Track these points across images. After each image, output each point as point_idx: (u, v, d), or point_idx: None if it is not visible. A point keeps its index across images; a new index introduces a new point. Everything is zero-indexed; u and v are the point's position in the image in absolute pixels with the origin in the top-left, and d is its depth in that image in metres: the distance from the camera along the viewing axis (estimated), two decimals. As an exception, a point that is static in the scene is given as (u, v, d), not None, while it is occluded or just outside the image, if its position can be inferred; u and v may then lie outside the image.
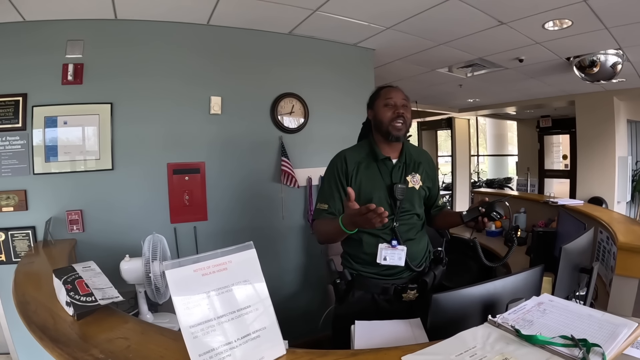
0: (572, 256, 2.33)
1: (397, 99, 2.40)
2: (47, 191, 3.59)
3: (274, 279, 4.29)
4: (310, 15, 4.00)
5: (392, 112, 2.36)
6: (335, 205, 2.39)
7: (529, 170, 12.73)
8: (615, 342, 1.20)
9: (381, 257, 2.32)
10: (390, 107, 2.38)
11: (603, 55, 5.29)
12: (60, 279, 1.74)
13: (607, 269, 3.29)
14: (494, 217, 2.15)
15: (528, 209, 5.35)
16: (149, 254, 2.58)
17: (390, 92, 2.44)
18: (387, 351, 1.33)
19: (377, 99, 2.47)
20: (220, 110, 4.19)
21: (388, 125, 2.36)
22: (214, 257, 1.25)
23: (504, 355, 1.18)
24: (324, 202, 2.42)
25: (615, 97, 8.07)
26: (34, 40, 3.56)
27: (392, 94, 2.42)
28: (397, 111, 2.36)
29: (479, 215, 2.18)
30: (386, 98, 2.41)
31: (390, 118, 2.36)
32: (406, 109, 2.41)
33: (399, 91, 2.46)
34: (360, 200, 2.31)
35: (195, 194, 4.12)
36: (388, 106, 2.39)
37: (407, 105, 2.44)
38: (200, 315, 1.17)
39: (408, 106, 2.44)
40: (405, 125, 2.39)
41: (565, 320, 1.36)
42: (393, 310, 2.31)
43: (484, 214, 2.16)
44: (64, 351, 1.38)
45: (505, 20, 4.10)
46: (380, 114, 2.40)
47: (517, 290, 1.74)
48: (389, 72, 6.28)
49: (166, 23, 3.96)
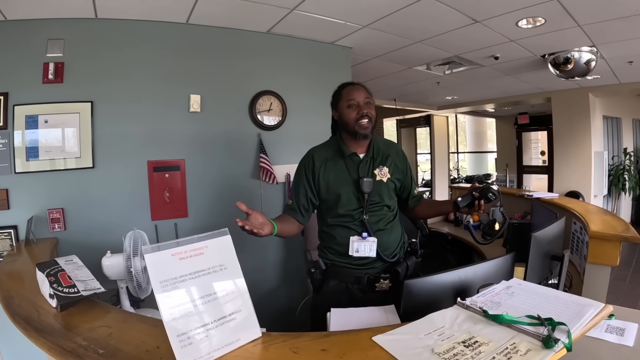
0: (543, 244, 2.37)
1: (360, 98, 2.42)
2: (28, 190, 3.58)
3: (254, 274, 4.31)
4: (288, 14, 4.03)
5: (356, 113, 2.39)
6: (298, 200, 2.48)
7: (507, 166, 12.86)
8: (581, 321, 1.24)
9: (353, 249, 2.37)
10: (353, 107, 2.40)
11: (577, 53, 5.37)
12: (44, 272, 1.77)
13: (580, 258, 3.38)
14: (491, 198, 2.24)
15: (505, 203, 5.39)
16: (130, 249, 2.61)
17: (351, 92, 2.45)
18: (359, 332, 1.38)
19: (339, 100, 2.49)
20: (199, 108, 4.21)
21: (354, 125, 2.39)
22: (191, 242, 1.30)
23: (471, 334, 1.23)
24: (290, 198, 2.54)
25: (591, 93, 8.21)
26: (15, 39, 3.56)
27: (354, 93, 2.44)
28: (361, 111, 2.38)
29: (475, 199, 2.26)
30: (349, 99, 2.42)
31: (355, 118, 2.38)
32: (370, 107, 2.43)
33: (361, 89, 2.48)
34: (329, 195, 2.43)
35: (176, 191, 4.14)
36: (351, 107, 2.41)
37: (371, 102, 2.46)
38: (177, 298, 1.21)
39: (371, 102, 2.46)
40: (371, 122, 2.41)
41: (533, 302, 1.39)
42: (367, 299, 2.34)
43: (479, 197, 2.24)
44: (48, 340, 1.41)
45: (479, 19, 4.17)
46: (345, 116, 2.43)
47: (489, 276, 1.77)
48: (367, 70, 6.32)
49: (146, 22, 3.97)
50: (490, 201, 2.25)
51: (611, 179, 9.63)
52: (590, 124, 8.33)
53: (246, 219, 2.07)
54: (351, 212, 2.40)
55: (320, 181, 2.44)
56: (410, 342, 1.24)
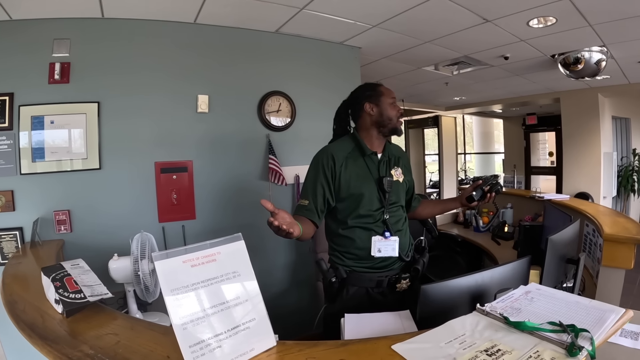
0: (559, 247, 2.37)
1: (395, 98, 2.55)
2: (34, 191, 3.56)
3: (263, 276, 4.26)
4: (297, 14, 4.00)
5: (396, 111, 2.49)
6: (316, 201, 2.38)
7: (515, 167, 12.80)
8: (603, 327, 1.21)
9: (375, 249, 2.36)
10: (394, 105, 2.51)
11: (587, 53, 5.33)
12: (49, 276, 1.74)
13: (593, 261, 3.34)
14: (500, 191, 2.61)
15: (515, 205, 5.40)
16: (137, 252, 2.58)
17: (391, 92, 2.55)
18: (377, 341, 1.34)
19: (381, 95, 2.52)
20: (207, 108, 4.18)
21: (396, 122, 2.49)
22: (203, 248, 1.26)
23: (493, 342, 1.20)
24: (305, 198, 2.41)
25: (600, 93, 8.15)
26: (21, 39, 3.53)
27: (393, 94, 2.54)
28: (400, 110, 2.52)
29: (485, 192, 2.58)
30: (391, 97, 2.52)
31: (397, 116, 2.49)
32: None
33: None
34: (350, 195, 2.39)
35: (183, 193, 4.10)
36: (394, 105, 2.50)
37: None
38: (189, 307, 1.17)
39: None
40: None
41: (553, 308, 1.37)
42: (386, 302, 2.37)
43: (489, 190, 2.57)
44: (54, 348, 1.38)
45: (490, 18, 4.12)
46: (389, 111, 2.48)
47: (505, 280, 1.75)
48: (375, 70, 6.30)
49: (153, 21, 3.94)
50: (499, 193, 2.61)
51: (620, 180, 9.55)
52: (599, 124, 8.27)
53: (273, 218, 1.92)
54: (372, 212, 2.39)
55: (341, 180, 2.39)
56: (431, 351, 1.20)
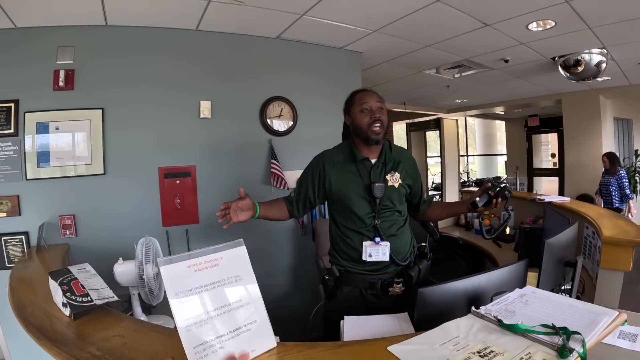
0: (556, 250, 2.38)
1: (372, 103, 2.45)
2: (39, 197, 3.60)
3: (265, 280, 4.30)
4: (298, 20, 4.03)
5: (369, 118, 2.41)
6: (298, 195, 2.59)
7: (517, 169, 12.80)
8: (595, 330, 1.22)
9: (366, 254, 2.38)
10: (366, 112, 2.43)
11: (587, 55, 5.36)
12: (57, 280, 1.77)
13: (593, 263, 3.35)
14: (507, 196, 2.37)
15: (516, 207, 5.41)
16: (141, 256, 2.61)
17: (364, 96, 2.49)
18: (374, 342, 1.37)
19: (352, 104, 2.52)
20: (210, 114, 4.22)
21: (367, 130, 2.41)
22: (206, 253, 1.29)
23: (486, 344, 1.22)
24: (293, 191, 2.65)
25: (601, 95, 8.17)
26: (25, 46, 3.58)
27: (366, 98, 2.47)
28: (374, 116, 2.41)
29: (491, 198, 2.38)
30: (361, 103, 2.45)
31: (368, 123, 2.40)
32: (382, 112, 2.46)
33: (373, 94, 2.52)
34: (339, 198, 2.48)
35: (187, 197, 4.14)
36: (364, 112, 2.43)
37: (383, 107, 2.48)
38: (193, 310, 1.21)
39: (383, 108, 2.49)
40: (383, 128, 2.44)
41: (547, 310, 1.38)
42: (381, 304, 2.38)
43: (495, 195, 2.36)
44: (62, 350, 1.41)
45: (490, 22, 4.16)
46: (358, 120, 2.45)
47: (502, 283, 1.76)
48: (376, 74, 6.32)
49: (156, 29, 3.99)
50: (506, 199, 2.39)
51: (622, 181, 9.52)
52: (601, 125, 8.30)
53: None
54: (363, 216, 2.41)
55: (331, 183, 2.48)
56: (426, 353, 1.23)
